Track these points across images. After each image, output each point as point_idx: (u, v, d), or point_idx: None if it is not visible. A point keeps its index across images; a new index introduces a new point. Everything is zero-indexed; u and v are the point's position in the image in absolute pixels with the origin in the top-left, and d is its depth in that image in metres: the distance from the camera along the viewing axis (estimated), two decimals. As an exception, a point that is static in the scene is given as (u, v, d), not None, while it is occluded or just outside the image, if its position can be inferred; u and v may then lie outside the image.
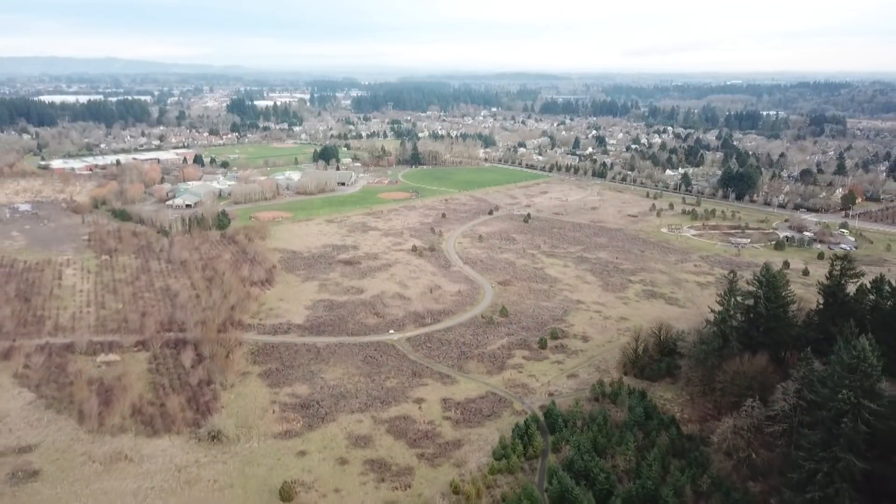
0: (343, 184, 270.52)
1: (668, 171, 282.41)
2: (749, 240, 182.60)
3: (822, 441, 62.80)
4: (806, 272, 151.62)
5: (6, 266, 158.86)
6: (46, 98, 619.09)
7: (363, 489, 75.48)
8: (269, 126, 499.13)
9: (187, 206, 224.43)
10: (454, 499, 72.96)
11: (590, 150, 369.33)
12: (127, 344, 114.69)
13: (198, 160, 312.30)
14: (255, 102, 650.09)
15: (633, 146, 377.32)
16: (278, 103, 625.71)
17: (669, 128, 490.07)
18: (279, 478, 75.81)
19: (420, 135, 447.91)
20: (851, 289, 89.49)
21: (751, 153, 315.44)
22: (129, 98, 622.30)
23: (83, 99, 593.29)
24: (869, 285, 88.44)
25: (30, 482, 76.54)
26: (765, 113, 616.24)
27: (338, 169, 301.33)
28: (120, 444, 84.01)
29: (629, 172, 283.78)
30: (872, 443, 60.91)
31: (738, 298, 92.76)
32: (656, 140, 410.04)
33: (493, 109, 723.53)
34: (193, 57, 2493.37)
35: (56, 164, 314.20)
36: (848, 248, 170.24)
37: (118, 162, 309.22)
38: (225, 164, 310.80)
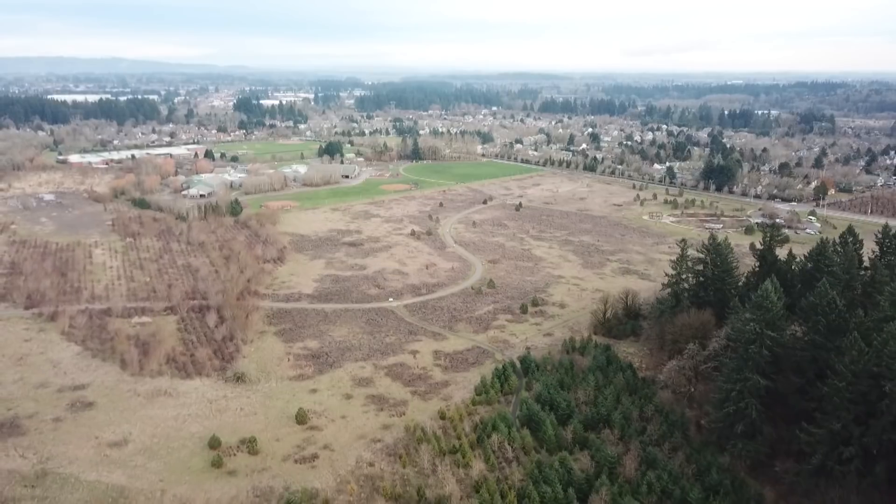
0: (347, 176, 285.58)
1: (656, 165, 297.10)
2: (722, 225, 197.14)
3: (736, 366, 77.46)
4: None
5: (40, 247, 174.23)
6: (59, 97, 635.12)
7: (365, 416, 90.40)
8: (275, 124, 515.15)
9: (201, 195, 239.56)
10: (440, 423, 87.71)
11: (584, 146, 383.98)
12: (157, 309, 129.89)
13: (208, 155, 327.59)
14: (261, 101, 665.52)
15: (627, 142, 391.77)
16: (283, 102, 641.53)
17: (664, 126, 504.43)
18: (295, 407, 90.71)
19: (421, 132, 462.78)
20: (783, 253, 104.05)
21: (737, 148, 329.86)
22: (139, 97, 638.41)
23: (92, 98, 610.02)
24: (805, 254, 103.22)
25: (86, 411, 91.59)
26: (759, 112, 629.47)
27: (342, 163, 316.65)
28: (159, 384, 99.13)
29: (618, 166, 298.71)
30: (773, 365, 75.53)
31: (689, 264, 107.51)
32: (649, 137, 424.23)
33: (494, 108, 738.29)
34: (197, 57, 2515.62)
35: (73, 158, 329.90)
36: (813, 233, 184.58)
37: (133, 156, 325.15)
38: (234, 159, 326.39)
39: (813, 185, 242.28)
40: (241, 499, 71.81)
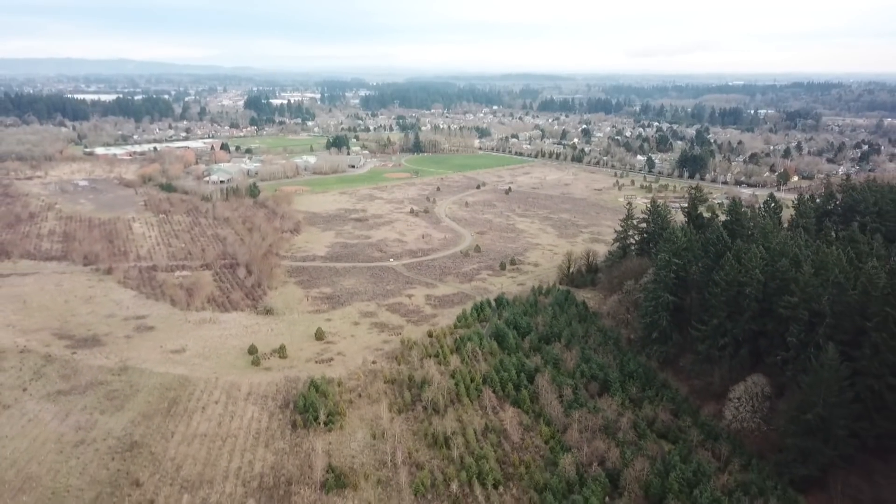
0: (353, 166, 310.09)
1: (639, 157, 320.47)
2: (686, 204, 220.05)
3: (653, 288, 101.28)
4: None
5: (85, 221, 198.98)
6: (76, 96, 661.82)
7: (369, 335, 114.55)
8: (284, 121, 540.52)
9: (221, 181, 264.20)
10: (428, 339, 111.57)
11: (575, 140, 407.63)
12: (194, 266, 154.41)
13: (224, 147, 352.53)
14: (270, 101, 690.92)
15: (616, 137, 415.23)
16: (291, 101, 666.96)
17: (656, 123, 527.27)
18: (314, 329, 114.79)
19: (423, 128, 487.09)
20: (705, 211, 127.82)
21: (718, 142, 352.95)
22: (153, 96, 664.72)
23: (106, 97, 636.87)
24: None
25: (149, 332, 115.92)
26: (751, 111, 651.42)
27: (348, 154, 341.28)
28: (204, 315, 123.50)
29: (604, 157, 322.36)
30: (678, 285, 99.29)
31: (634, 222, 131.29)
32: (638, 132, 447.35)
33: (495, 108, 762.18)
34: (203, 58, 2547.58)
35: (99, 150, 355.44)
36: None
37: (155, 148, 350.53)
38: (248, 151, 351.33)
39: (777, 172, 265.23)
40: (276, 383, 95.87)
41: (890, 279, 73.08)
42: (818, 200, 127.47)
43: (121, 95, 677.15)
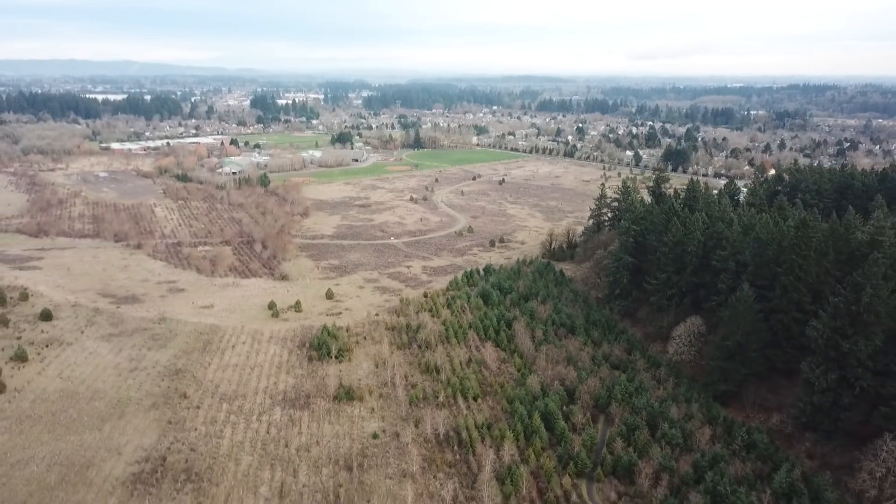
0: (357, 160, 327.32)
1: (627, 152, 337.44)
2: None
3: (616, 252, 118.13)
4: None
5: (111, 206, 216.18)
6: (88, 95, 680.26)
7: (372, 296, 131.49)
8: (289, 119, 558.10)
9: (233, 173, 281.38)
10: (424, 299, 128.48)
11: (569, 138, 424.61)
12: (215, 242, 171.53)
13: (234, 143, 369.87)
14: (276, 100, 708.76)
15: (609, 135, 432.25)
16: (296, 100, 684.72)
17: (649, 122, 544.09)
18: (324, 290, 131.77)
19: (423, 126, 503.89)
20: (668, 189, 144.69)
21: (699, 138, 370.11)
22: (161, 96, 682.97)
23: (113, 97, 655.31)
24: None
25: (180, 292, 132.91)
26: (745, 112, 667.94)
27: (352, 149, 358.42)
28: (227, 281, 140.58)
29: (595, 153, 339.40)
30: (637, 248, 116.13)
31: (607, 200, 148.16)
32: (631, 130, 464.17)
33: (494, 108, 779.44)
34: (207, 60, 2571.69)
35: (115, 145, 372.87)
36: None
37: (168, 143, 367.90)
38: (257, 146, 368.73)
39: (755, 166, 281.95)
40: (293, 330, 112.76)
41: (796, 234, 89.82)
42: (769, 182, 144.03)
43: (127, 96, 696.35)
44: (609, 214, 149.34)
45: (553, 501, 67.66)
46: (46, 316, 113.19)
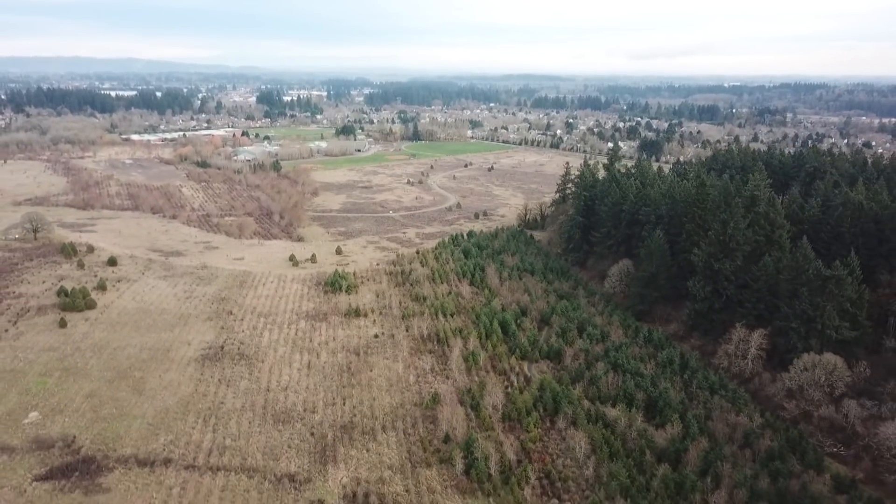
0: (359, 150, 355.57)
1: (609, 144, 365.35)
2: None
3: (571, 213, 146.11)
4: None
5: (142, 187, 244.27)
6: (102, 91, 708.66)
7: (374, 252, 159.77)
8: (294, 114, 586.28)
9: (247, 160, 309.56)
10: (416, 254, 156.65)
11: (558, 131, 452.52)
12: (238, 214, 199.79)
13: (245, 134, 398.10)
14: (281, 96, 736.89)
15: (594, 128, 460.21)
16: (300, 96, 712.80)
17: (637, 118, 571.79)
18: (334, 248, 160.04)
19: (422, 121, 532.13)
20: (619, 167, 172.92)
21: (678, 131, 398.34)
22: (172, 92, 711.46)
23: (123, 93, 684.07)
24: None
25: (215, 249, 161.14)
26: (731, 109, 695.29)
27: (355, 140, 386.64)
28: (253, 242, 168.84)
29: (579, 144, 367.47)
30: (587, 210, 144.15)
31: (571, 177, 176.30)
32: (618, 125, 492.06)
33: (491, 105, 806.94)
34: (210, 58, 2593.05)
35: (134, 137, 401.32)
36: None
37: (185, 135, 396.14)
38: (267, 138, 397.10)
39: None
40: (311, 273, 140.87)
41: (697, 192, 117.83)
42: (706, 161, 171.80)
43: (137, 92, 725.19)
44: (572, 188, 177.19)
45: (502, 371, 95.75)
46: (112, 262, 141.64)
